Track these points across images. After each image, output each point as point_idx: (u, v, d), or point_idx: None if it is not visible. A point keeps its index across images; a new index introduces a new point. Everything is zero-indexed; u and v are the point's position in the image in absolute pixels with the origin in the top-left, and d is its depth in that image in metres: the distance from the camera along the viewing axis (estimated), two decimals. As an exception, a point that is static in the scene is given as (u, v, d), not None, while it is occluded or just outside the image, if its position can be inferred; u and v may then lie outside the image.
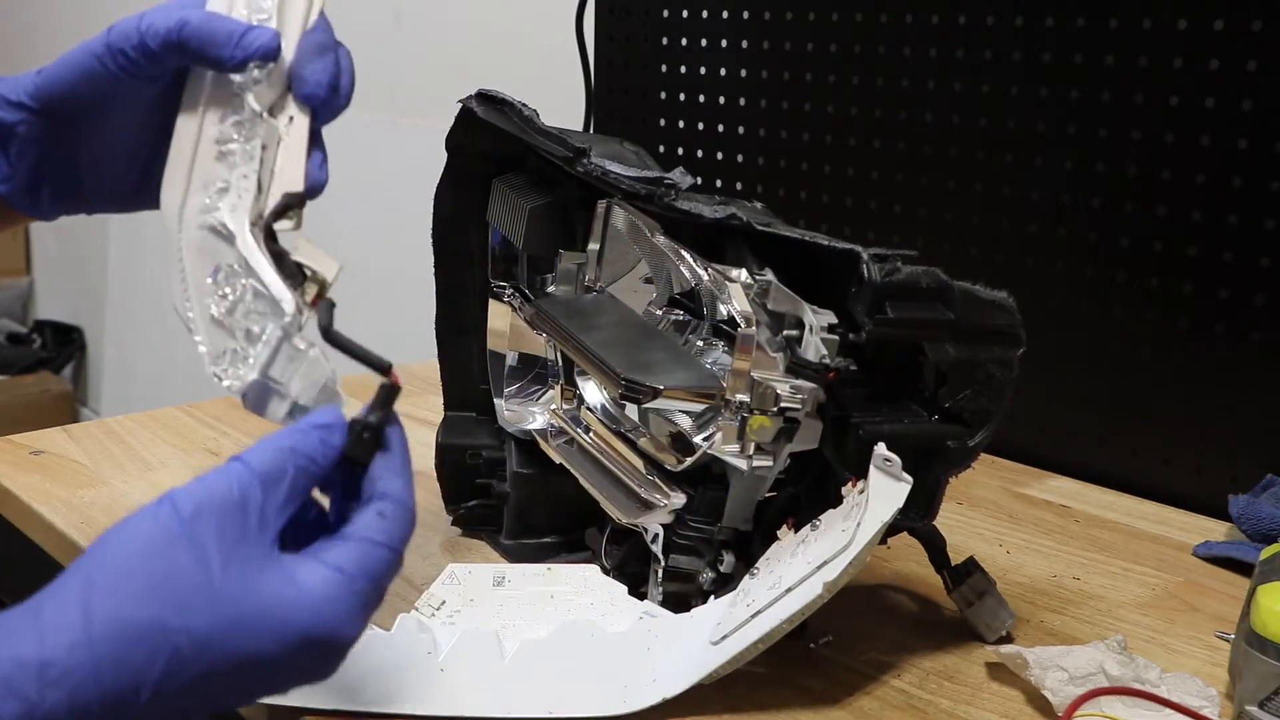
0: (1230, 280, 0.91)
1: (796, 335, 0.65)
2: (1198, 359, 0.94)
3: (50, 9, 2.76)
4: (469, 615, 0.68)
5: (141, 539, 0.45)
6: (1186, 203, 0.92)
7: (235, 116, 0.59)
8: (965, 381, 0.65)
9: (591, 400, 0.78)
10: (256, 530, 0.47)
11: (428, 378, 0.91)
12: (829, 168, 1.15)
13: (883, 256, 0.63)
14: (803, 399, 0.63)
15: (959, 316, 0.64)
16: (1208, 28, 0.89)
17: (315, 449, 0.50)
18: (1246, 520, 0.86)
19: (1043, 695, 0.63)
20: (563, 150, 0.70)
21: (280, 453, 0.49)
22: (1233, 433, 0.93)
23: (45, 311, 2.94)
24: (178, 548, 0.45)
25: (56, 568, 0.82)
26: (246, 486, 0.47)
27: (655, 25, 1.27)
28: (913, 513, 0.64)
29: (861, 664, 0.68)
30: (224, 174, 0.58)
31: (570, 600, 0.70)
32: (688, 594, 0.69)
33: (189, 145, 0.59)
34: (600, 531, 0.77)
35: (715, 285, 0.67)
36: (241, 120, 0.59)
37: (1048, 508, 0.96)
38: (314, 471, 0.50)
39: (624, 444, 0.74)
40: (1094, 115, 0.97)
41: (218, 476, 0.47)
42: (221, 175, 0.58)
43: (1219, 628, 0.75)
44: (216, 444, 0.99)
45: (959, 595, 0.72)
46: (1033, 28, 0.99)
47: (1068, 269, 1.00)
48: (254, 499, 0.47)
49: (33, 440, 0.98)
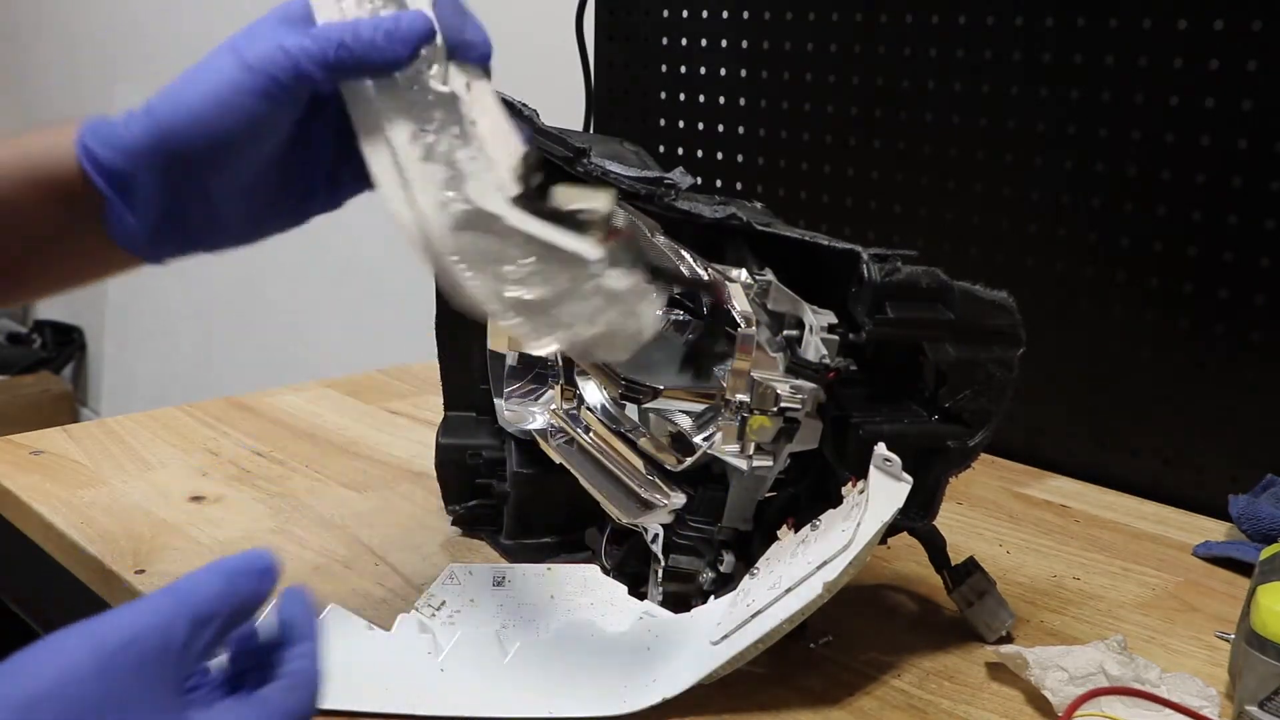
0: (1230, 280, 0.91)
1: (796, 335, 0.65)
2: (1198, 359, 0.94)
3: (52, 9, 2.76)
4: (469, 615, 0.68)
5: (57, 669, 0.41)
6: (1186, 203, 0.92)
7: (418, 109, 0.55)
8: (965, 381, 0.65)
9: (591, 400, 0.78)
10: (174, 676, 0.43)
11: (428, 378, 0.91)
12: (829, 168, 1.15)
13: (883, 256, 0.63)
14: (803, 399, 0.63)
15: (959, 316, 0.65)
16: (1208, 28, 0.89)
17: (249, 595, 0.46)
18: (1246, 520, 0.86)
19: (1043, 695, 0.63)
20: (563, 150, 0.70)
21: (214, 595, 0.45)
22: (1233, 433, 0.93)
23: (45, 311, 2.94)
24: (90, 686, 0.41)
25: (56, 567, 0.82)
26: (172, 626, 0.43)
27: (655, 25, 1.27)
28: (913, 513, 0.64)
29: (861, 664, 0.68)
30: (442, 169, 0.55)
31: (570, 600, 0.70)
32: (688, 594, 0.69)
33: (388, 162, 0.55)
34: (600, 531, 0.77)
35: (715, 285, 0.67)
36: (428, 110, 0.55)
37: (1048, 508, 0.96)
38: (242, 618, 0.46)
39: (624, 444, 0.74)
40: (1094, 115, 0.97)
41: (146, 611, 0.44)
42: (440, 170, 0.55)
43: (1219, 628, 0.75)
44: (216, 444, 1.00)
45: (959, 595, 0.72)
46: (1033, 28, 0.99)
47: (1068, 269, 1.00)
48: (176, 642, 0.43)
49: (33, 440, 0.98)
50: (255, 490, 0.90)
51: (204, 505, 0.87)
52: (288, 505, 0.88)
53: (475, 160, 0.55)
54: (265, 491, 0.90)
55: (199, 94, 0.54)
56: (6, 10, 2.91)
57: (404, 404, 1.12)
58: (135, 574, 0.75)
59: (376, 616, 0.63)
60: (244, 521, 0.84)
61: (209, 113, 0.54)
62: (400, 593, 0.74)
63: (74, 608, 0.84)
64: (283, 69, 0.54)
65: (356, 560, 0.79)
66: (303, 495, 0.90)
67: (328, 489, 0.92)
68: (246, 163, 0.56)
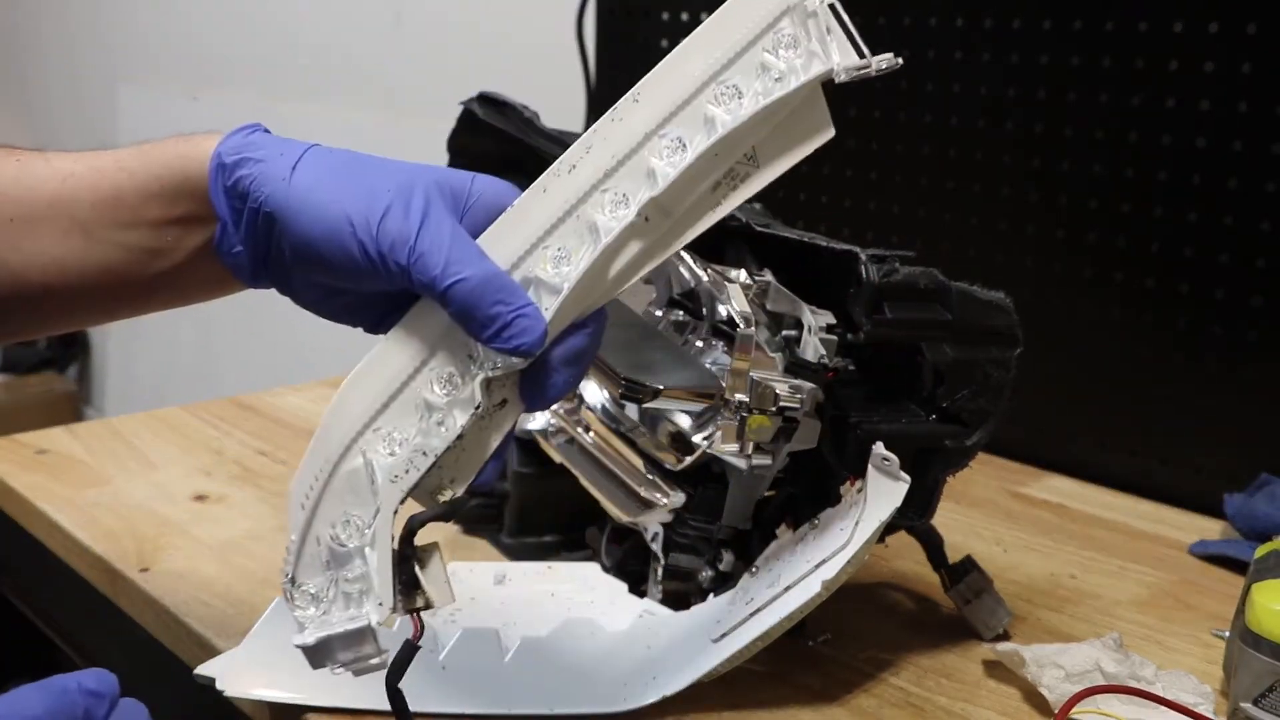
0: (1226, 281, 0.92)
1: (795, 335, 0.65)
2: (1194, 359, 0.94)
3: (52, 9, 2.77)
4: (470, 613, 0.69)
5: None
6: (1183, 204, 0.93)
7: (457, 376, 0.52)
8: (963, 381, 0.65)
9: (591, 400, 0.78)
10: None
11: (429, 378, 0.91)
12: (828, 169, 1.15)
13: (881, 257, 0.64)
14: (801, 399, 0.63)
15: (957, 317, 0.65)
16: (1203, 31, 0.90)
17: (79, 715, 0.45)
18: (1241, 519, 0.87)
19: (1039, 692, 0.63)
20: (563, 151, 0.70)
21: (42, 712, 0.44)
22: (1228, 432, 0.94)
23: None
24: None
25: (62, 566, 0.83)
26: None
27: (655, 25, 1.27)
28: (911, 512, 0.64)
29: (860, 661, 0.69)
30: (410, 429, 0.51)
31: (571, 598, 0.70)
32: (687, 592, 0.70)
33: (396, 372, 0.52)
34: (600, 530, 0.77)
35: (715, 286, 0.67)
36: (459, 386, 0.51)
37: (1045, 507, 0.96)
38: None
39: (624, 443, 0.74)
40: (1091, 117, 0.97)
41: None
42: (408, 429, 0.51)
43: (1214, 625, 0.75)
44: (219, 443, 1.00)
45: (957, 593, 0.72)
46: (1030, 30, 0.99)
47: (1065, 270, 1.01)
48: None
49: (37, 440, 0.99)
50: (258, 489, 0.91)
51: (207, 504, 0.88)
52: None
53: (426, 457, 0.51)
54: (268, 491, 0.90)
55: (324, 232, 0.50)
56: (6, 10, 2.91)
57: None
58: (139, 572, 0.76)
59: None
60: (247, 520, 0.85)
61: (321, 246, 0.51)
62: (402, 591, 0.75)
63: (80, 606, 0.84)
64: (395, 255, 0.50)
65: (359, 559, 0.80)
66: (305, 494, 0.90)
67: (330, 488, 0.92)
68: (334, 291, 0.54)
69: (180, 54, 2.34)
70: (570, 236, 0.51)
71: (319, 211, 0.50)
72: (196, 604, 0.72)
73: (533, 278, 0.51)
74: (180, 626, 0.71)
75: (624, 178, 0.51)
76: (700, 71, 0.51)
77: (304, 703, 0.61)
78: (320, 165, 0.52)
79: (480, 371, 0.51)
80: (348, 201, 0.50)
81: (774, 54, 0.51)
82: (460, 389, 0.52)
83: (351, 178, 0.51)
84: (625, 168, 0.51)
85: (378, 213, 0.50)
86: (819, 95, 0.52)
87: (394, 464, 0.51)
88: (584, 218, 0.51)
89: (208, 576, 0.76)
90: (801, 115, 0.52)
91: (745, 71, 0.51)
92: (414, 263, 0.49)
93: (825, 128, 0.53)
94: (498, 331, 0.50)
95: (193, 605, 0.72)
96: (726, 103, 0.51)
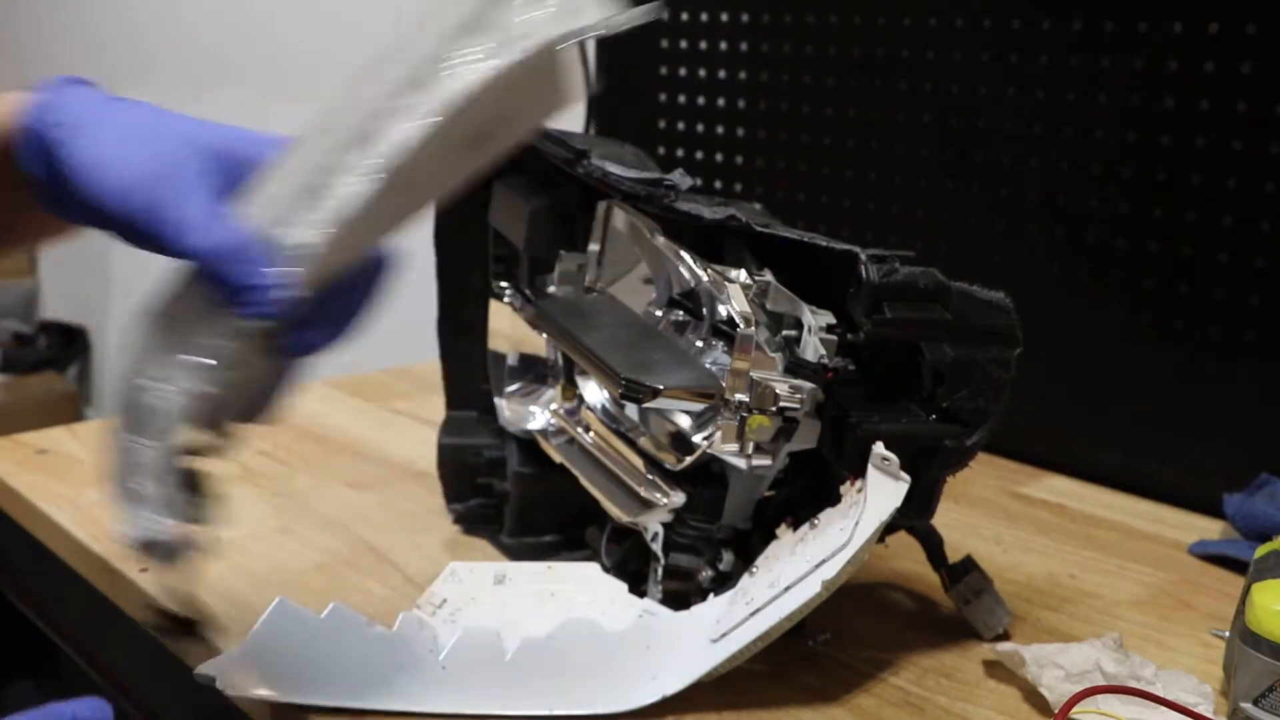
0: (1225, 281, 0.92)
1: (795, 335, 0.65)
2: (1193, 359, 0.94)
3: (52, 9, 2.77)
4: (470, 613, 0.69)
5: None
6: (1182, 204, 0.93)
7: (222, 324, 0.54)
8: (963, 381, 0.65)
9: (591, 400, 0.78)
10: None
11: (429, 378, 0.91)
12: (828, 169, 1.15)
13: (880, 257, 0.64)
14: (801, 399, 0.63)
15: (956, 317, 0.65)
16: (1202, 30, 0.90)
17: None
18: (1241, 519, 0.87)
19: (1039, 692, 0.63)
20: (563, 152, 0.71)
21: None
22: (1228, 432, 0.94)
23: (50, 312, 2.94)
24: None
25: (63, 566, 0.83)
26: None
27: (655, 27, 1.27)
28: (910, 511, 0.64)
29: (859, 661, 0.69)
30: (173, 354, 0.55)
31: (571, 598, 0.70)
32: (687, 592, 0.70)
33: (180, 313, 0.55)
34: (600, 530, 0.77)
35: (714, 286, 0.67)
36: (224, 334, 0.54)
37: (1044, 506, 0.96)
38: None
39: (624, 443, 0.74)
40: (1090, 118, 0.97)
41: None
42: (172, 352, 0.55)
43: (1214, 625, 0.75)
44: (219, 444, 1.00)
45: (956, 593, 0.72)
46: (1030, 31, 0.99)
47: (1064, 270, 1.01)
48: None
49: (38, 440, 0.99)
50: (258, 489, 0.91)
51: (207, 504, 0.87)
52: (290, 504, 0.88)
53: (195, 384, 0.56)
54: (268, 490, 0.91)
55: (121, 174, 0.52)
56: (6, 10, 2.91)
57: (406, 404, 1.13)
58: (140, 572, 0.76)
59: (378, 614, 0.63)
60: (247, 520, 0.85)
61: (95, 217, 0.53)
62: (402, 591, 0.75)
63: (80, 606, 0.84)
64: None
65: (358, 558, 0.80)
66: (305, 494, 0.90)
67: (330, 488, 0.92)
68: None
69: (179, 54, 2.34)
70: (319, 195, 0.52)
71: (100, 178, 0.52)
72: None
73: (284, 237, 0.52)
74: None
75: (365, 138, 0.52)
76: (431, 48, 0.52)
77: (304, 703, 0.61)
78: (104, 133, 0.53)
79: (239, 322, 0.53)
80: (122, 169, 0.52)
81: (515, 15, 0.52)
82: (225, 337, 0.54)
83: (129, 147, 0.53)
84: (368, 128, 0.52)
85: (149, 181, 0.52)
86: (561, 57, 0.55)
87: (172, 397, 0.55)
88: (334, 173, 0.52)
89: (208, 576, 0.76)
90: (545, 77, 0.54)
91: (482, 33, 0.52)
92: (167, 231, 0.52)
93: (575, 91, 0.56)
94: (240, 297, 0.52)
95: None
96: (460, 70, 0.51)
